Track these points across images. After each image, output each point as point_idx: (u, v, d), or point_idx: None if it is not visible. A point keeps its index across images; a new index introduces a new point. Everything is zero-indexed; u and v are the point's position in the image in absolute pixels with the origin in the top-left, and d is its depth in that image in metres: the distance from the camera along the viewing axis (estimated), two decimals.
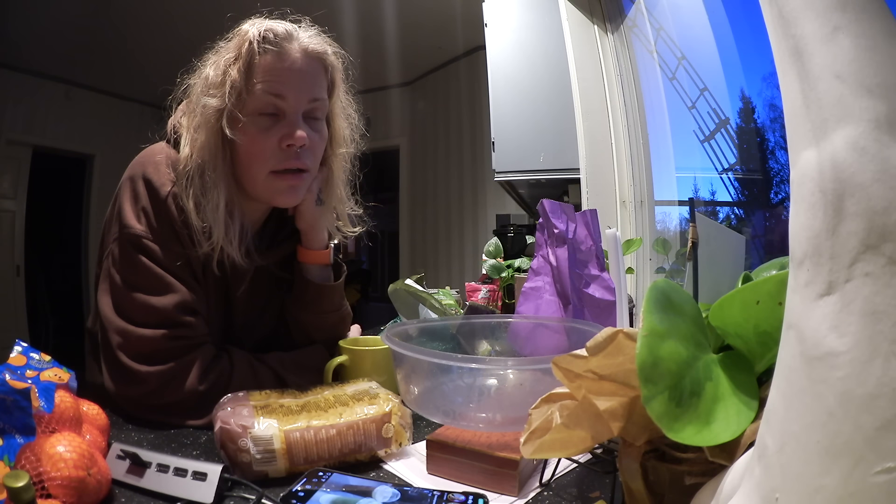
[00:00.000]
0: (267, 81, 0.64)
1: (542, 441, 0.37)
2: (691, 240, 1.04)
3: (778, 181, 1.27)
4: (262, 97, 0.64)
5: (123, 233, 0.64)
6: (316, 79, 0.68)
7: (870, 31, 0.23)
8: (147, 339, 0.62)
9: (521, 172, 1.72)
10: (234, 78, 0.63)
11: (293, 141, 0.65)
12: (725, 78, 1.45)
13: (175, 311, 0.64)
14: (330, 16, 0.72)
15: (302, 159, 0.67)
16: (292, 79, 0.65)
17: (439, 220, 4.31)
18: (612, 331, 0.33)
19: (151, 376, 0.62)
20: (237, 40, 0.65)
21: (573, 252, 0.80)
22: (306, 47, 0.66)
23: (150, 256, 0.64)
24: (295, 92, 0.65)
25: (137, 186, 0.65)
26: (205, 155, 0.64)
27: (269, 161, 0.66)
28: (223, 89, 0.63)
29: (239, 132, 0.64)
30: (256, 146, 0.65)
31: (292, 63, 0.65)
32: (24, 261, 3.91)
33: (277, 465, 0.50)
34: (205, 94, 0.64)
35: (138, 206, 0.64)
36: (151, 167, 0.66)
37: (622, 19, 1.72)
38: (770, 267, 0.43)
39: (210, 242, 0.65)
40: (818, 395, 0.22)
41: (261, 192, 0.68)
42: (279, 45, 0.64)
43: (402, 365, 0.58)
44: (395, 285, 1.10)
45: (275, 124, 0.65)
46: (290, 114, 0.65)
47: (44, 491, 0.40)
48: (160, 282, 0.64)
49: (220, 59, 0.65)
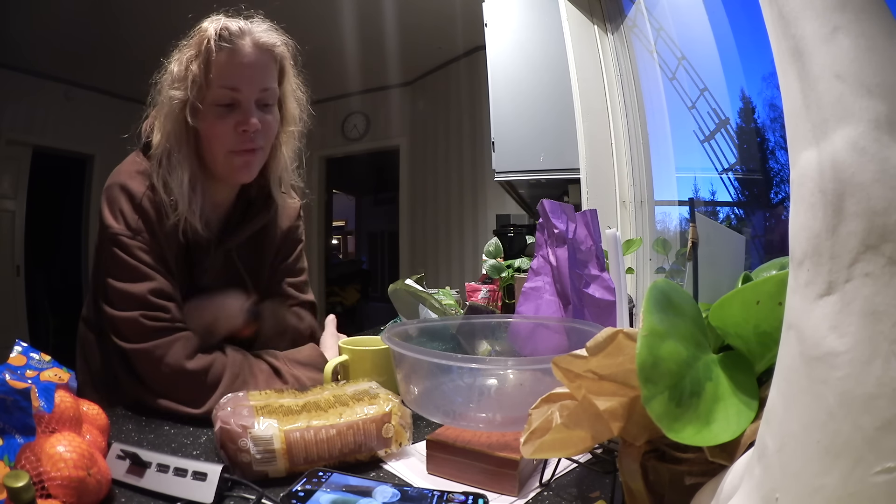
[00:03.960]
0: (223, 76, 0.71)
1: (542, 441, 0.37)
2: (691, 240, 1.04)
3: (778, 181, 1.27)
4: (218, 90, 0.72)
5: (104, 233, 0.73)
6: (266, 70, 0.75)
7: (870, 31, 0.23)
8: (125, 321, 0.70)
9: (521, 172, 1.72)
10: (194, 73, 0.71)
11: (247, 127, 0.73)
12: (725, 78, 1.45)
13: (148, 295, 0.71)
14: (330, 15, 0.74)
15: (255, 141, 0.75)
16: (244, 72, 0.72)
17: (439, 220, 4.31)
18: (612, 331, 0.33)
19: (137, 353, 0.69)
20: (197, 38, 0.72)
21: (573, 252, 0.80)
22: (257, 41, 0.74)
23: (125, 251, 0.71)
24: (247, 84, 0.73)
25: (114, 193, 0.74)
26: (171, 140, 0.74)
27: (227, 143, 0.74)
28: (185, 83, 0.71)
29: (200, 120, 0.73)
30: (216, 131, 0.74)
31: (244, 57, 0.72)
32: (24, 261, 3.91)
33: (277, 465, 0.50)
34: (170, 88, 0.73)
35: (115, 209, 0.73)
36: (126, 176, 0.74)
37: (622, 19, 1.72)
38: (770, 267, 0.43)
39: (176, 214, 0.73)
40: (818, 395, 0.22)
41: (221, 169, 0.77)
42: (233, 42, 0.72)
43: (402, 365, 0.58)
44: (395, 285, 1.10)
45: (231, 112, 0.73)
46: (244, 103, 0.73)
47: (44, 491, 0.40)
48: (135, 272, 0.71)
49: (182, 56, 0.73)
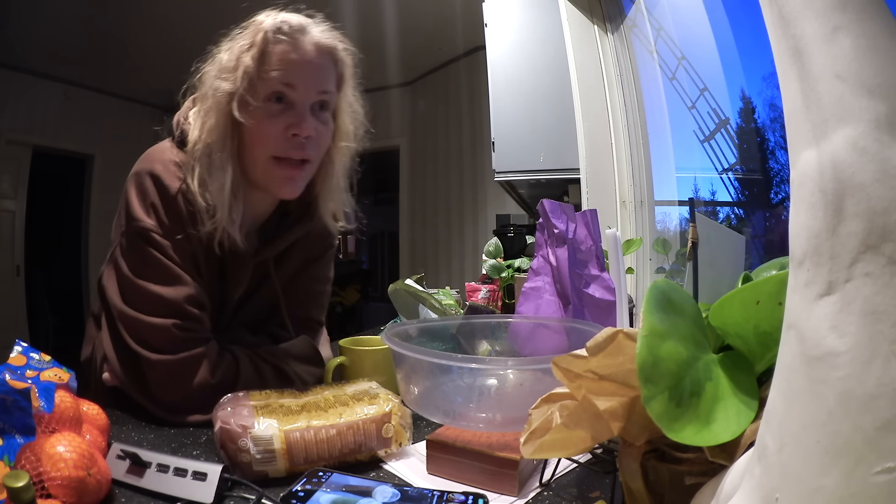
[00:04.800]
0: (279, 70, 0.65)
1: (542, 441, 0.37)
2: (691, 240, 1.04)
3: (778, 181, 1.27)
4: (272, 85, 0.65)
5: (132, 226, 0.65)
6: (326, 72, 0.69)
7: (870, 31, 0.23)
8: (157, 328, 0.63)
9: (521, 172, 1.72)
10: (246, 64, 0.64)
11: (299, 131, 0.66)
12: (725, 78, 1.45)
13: (184, 303, 0.65)
14: (331, 15, 0.73)
15: (306, 150, 0.68)
16: (303, 70, 0.66)
17: (439, 220, 4.31)
18: (612, 331, 0.33)
19: (161, 364, 0.63)
20: (252, 28, 0.66)
21: (573, 252, 0.80)
22: (318, 41, 0.68)
23: (159, 250, 0.65)
24: (305, 83, 0.67)
25: (145, 182, 0.66)
26: (214, 136, 0.66)
27: (272, 146, 0.67)
28: (235, 74, 0.65)
29: (247, 115, 0.65)
30: (263, 130, 0.66)
31: (304, 54, 0.66)
32: (24, 261, 3.91)
33: (277, 465, 0.50)
34: (217, 78, 0.66)
35: (147, 202, 0.66)
36: (159, 165, 0.67)
37: (622, 19, 1.72)
38: (770, 267, 0.43)
39: (213, 221, 0.66)
40: (818, 395, 0.22)
41: (260, 177, 0.69)
42: (292, 37, 0.66)
43: (402, 365, 0.58)
44: (395, 285, 1.10)
45: (283, 112, 0.67)
46: (298, 104, 0.67)
47: (44, 491, 0.40)
48: (170, 273, 0.65)
49: (234, 46, 0.67)
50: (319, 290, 0.85)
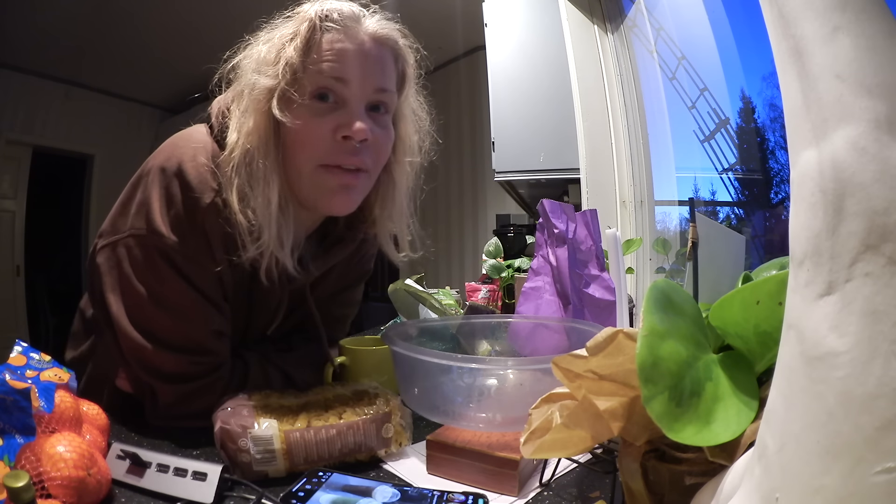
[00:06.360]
0: (328, 62, 0.55)
1: (542, 441, 0.37)
2: (691, 240, 1.04)
3: (778, 181, 1.27)
4: (320, 79, 0.55)
5: (152, 238, 0.55)
6: (384, 66, 0.58)
7: (870, 31, 0.23)
8: (168, 360, 0.57)
9: (521, 172, 1.73)
10: (289, 55, 0.54)
11: (351, 133, 0.55)
12: (725, 78, 1.46)
13: (203, 337, 0.58)
14: None
15: (360, 156, 0.56)
16: (357, 62, 0.56)
17: (439, 220, 4.31)
18: (612, 331, 0.33)
19: (168, 393, 0.59)
20: (297, 19, 0.56)
21: (573, 252, 0.80)
22: (375, 31, 0.57)
23: (181, 273, 0.56)
24: (359, 77, 0.56)
25: (172, 187, 0.55)
26: (253, 140, 0.55)
27: (319, 152, 0.56)
28: (277, 67, 0.54)
29: (290, 114, 0.54)
30: (307, 132, 0.55)
31: (359, 45, 0.56)
32: (24, 261, 3.91)
33: (277, 465, 0.50)
34: (255, 72, 0.56)
35: (171, 213, 0.55)
36: (190, 165, 0.56)
37: (622, 19, 1.72)
38: (770, 267, 0.43)
39: (258, 245, 0.55)
40: (818, 395, 0.22)
41: (306, 191, 0.58)
42: (344, 25, 0.55)
43: (402, 365, 0.58)
44: (395, 285, 1.10)
45: (332, 111, 0.56)
46: (351, 102, 0.56)
47: (44, 491, 0.40)
48: (190, 301, 0.57)
49: (274, 36, 0.57)
50: (348, 314, 0.79)
